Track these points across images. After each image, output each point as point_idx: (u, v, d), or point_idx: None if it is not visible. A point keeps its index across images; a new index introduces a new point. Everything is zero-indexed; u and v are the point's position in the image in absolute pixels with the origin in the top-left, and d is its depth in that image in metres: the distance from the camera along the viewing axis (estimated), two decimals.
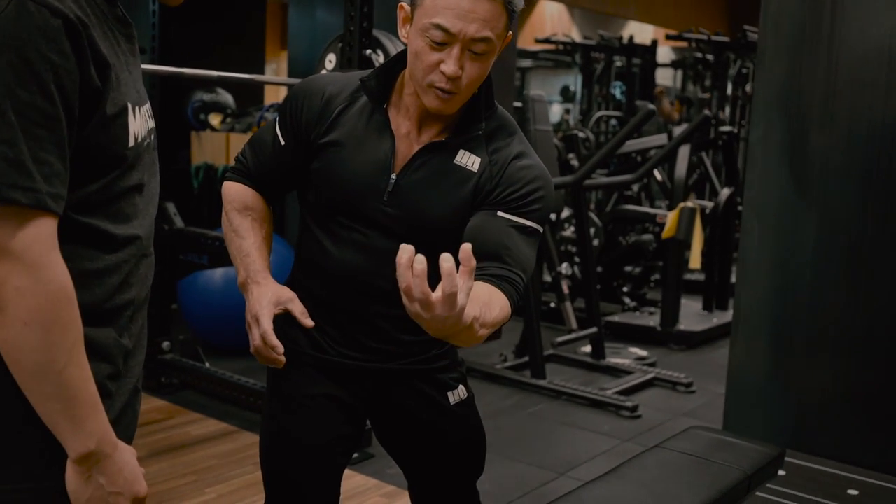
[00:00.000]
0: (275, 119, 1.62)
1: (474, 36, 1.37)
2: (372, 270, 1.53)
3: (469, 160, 1.50)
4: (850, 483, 3.13)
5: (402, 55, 1.52)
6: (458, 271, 1.07)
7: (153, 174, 1.19)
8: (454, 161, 1.50)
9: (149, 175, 1.17)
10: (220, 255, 3.82)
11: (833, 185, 3.36)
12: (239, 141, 5.36)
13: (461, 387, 1.72)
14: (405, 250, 1.04)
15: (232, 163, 1.70)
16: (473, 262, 1.08)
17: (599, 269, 6.16)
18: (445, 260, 1.04)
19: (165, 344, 4.19)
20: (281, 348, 1.52)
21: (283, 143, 1.59)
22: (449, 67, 1.37)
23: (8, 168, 0.94)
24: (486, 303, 1.29)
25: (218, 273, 4.49)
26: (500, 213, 1.46)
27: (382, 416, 1.75)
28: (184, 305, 4.74)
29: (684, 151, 5.63)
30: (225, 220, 1.64)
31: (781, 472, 2.86)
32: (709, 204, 6.04)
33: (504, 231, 1.45)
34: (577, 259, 5.93)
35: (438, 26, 1.36)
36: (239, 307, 1.64)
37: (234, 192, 1.64)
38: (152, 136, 1.19)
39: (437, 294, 1.08)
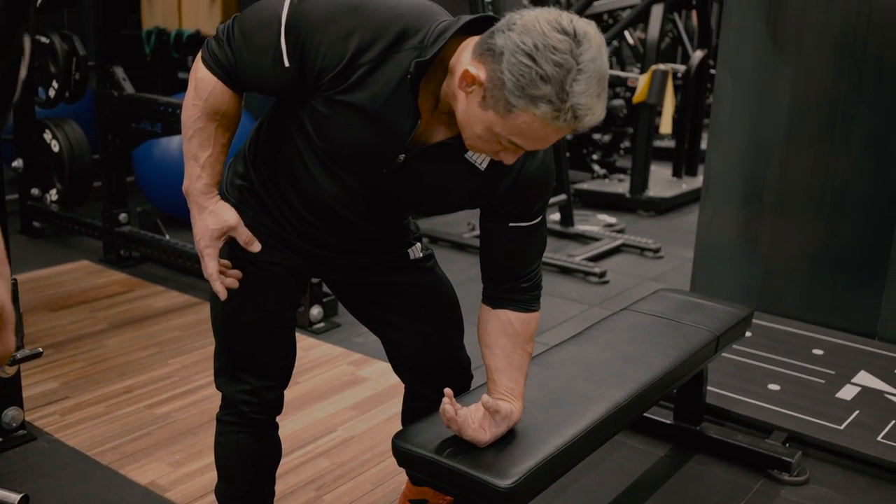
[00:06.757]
0: (279, 25, 1.39)
1: None
2: (349, 206, 1.54)
3: (478, 157, 1.46)
4: (815, 343, 3.16)
5: (446, 29, 1.36)
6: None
7: None
8: (465, 155, 1.46)
9: None
10: (175, 122, 3.65)
11: (809, 43, 3.24)
12: (192, 4, 5.07)
13: (418, 244, 1.77)
14: (449, 404, 1.49)
15: (187, 28, 1.52)
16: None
17: (568, 136, 6.05)
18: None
19: (122, 216, 4.06)
20: (223, 291, 1.55)
21: (287, 65, 1.40)
22: (509, 159, 1.38)
23: None
24: (519, 367, 1.58)
25: (174, 142, 4.32)
26: (511, 225, 1.55)
27: (349, 284, 1.79)
28: (140, 176, 4.58)
29: (657, 12, 5.43)
30: (191, 112, 1.49)
31: (748, 334, 2.86)
32: (681, 68, 5.89)
33: (518, 243, 1.57)
34: None
35: (514, 143, 1.34)
36: None
37: (210, 90, 1.47)
38: None
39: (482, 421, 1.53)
